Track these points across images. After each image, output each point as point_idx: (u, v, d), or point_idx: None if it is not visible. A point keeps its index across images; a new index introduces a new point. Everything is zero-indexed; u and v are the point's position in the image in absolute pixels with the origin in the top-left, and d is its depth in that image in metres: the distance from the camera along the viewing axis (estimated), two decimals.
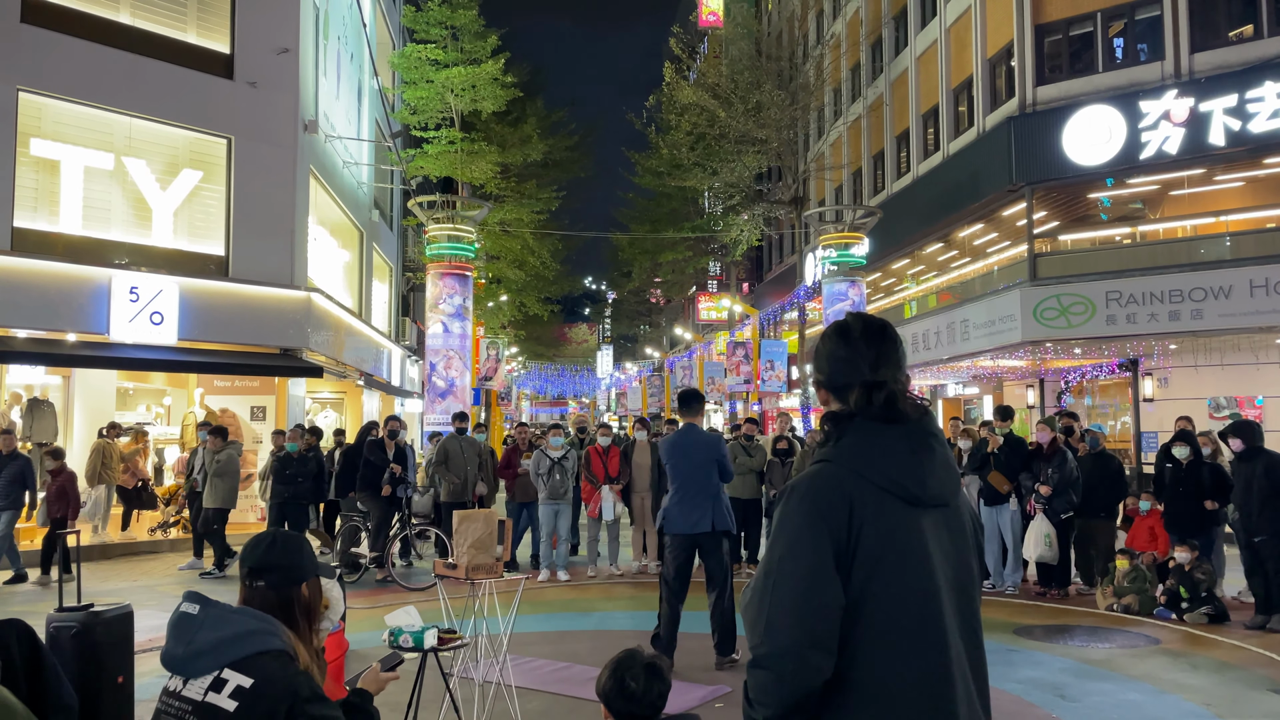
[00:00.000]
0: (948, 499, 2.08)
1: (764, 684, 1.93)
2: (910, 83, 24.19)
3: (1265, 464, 8.44)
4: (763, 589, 1.97)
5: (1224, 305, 15.22)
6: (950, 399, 27.44)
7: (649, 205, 38.16)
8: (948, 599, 2.01)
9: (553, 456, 11.11)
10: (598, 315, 72.59)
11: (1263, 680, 6.73)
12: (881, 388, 2.06)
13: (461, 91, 21.70)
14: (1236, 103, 15.62)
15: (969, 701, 2.00)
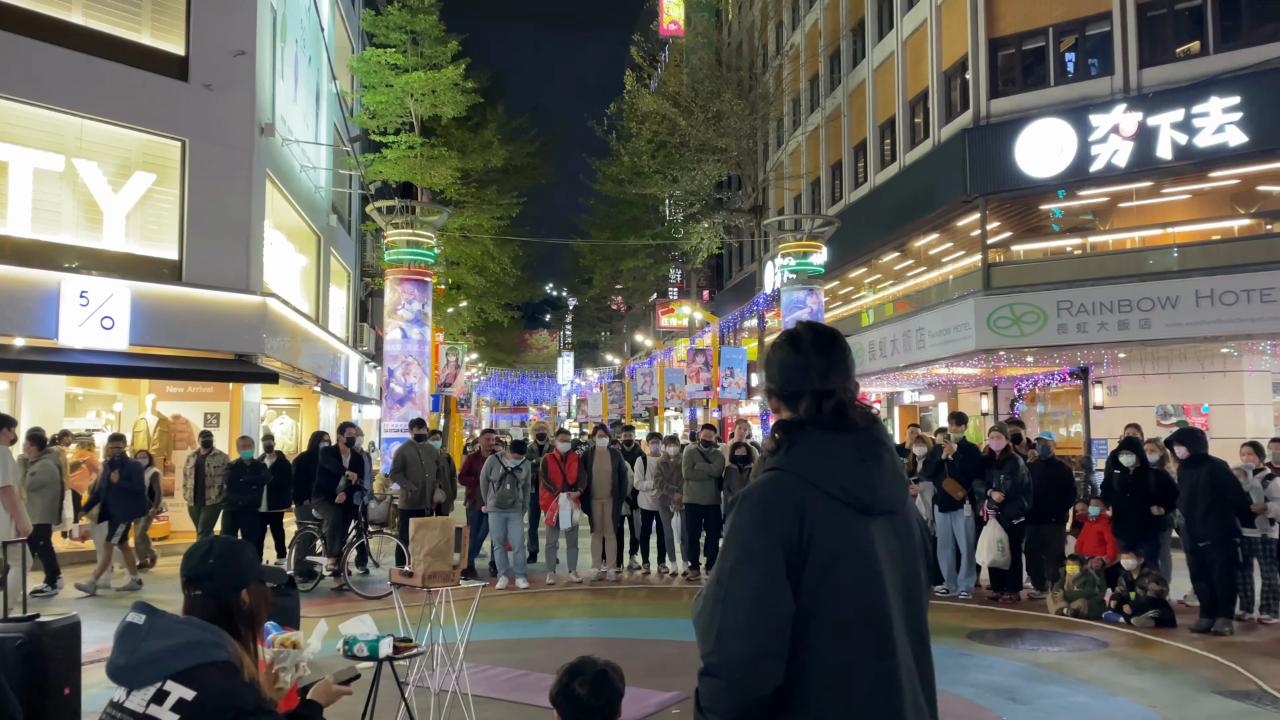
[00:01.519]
0: (896, 506, 2.12)
1: (715, 692, 1.96)
2: (868, 94, 24.49)
3: (1209, 471, 8.66)
4: (714, 597, 1.99)
5: (1171, 315, 15.56)
6: (906, 406, 27.76)
7: (610, 212, 38.19)
8: (896, 605, 2.05)
9: (506, 465, 11.07)
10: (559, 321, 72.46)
11: (1207, 682, 6.89)
12: (831, 396, 2.10)
13: (421, 96, 21.60)
14: (1183, 118, 16.01)
15: (916, 706, 2.04)
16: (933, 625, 7.01)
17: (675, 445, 12.24)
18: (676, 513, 11.79)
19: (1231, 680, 6.92)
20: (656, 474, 11.89)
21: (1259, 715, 6.10)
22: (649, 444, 12.97)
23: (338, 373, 21.13)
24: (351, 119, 23.31)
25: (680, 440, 13.39)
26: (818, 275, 20.59)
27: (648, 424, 38.77)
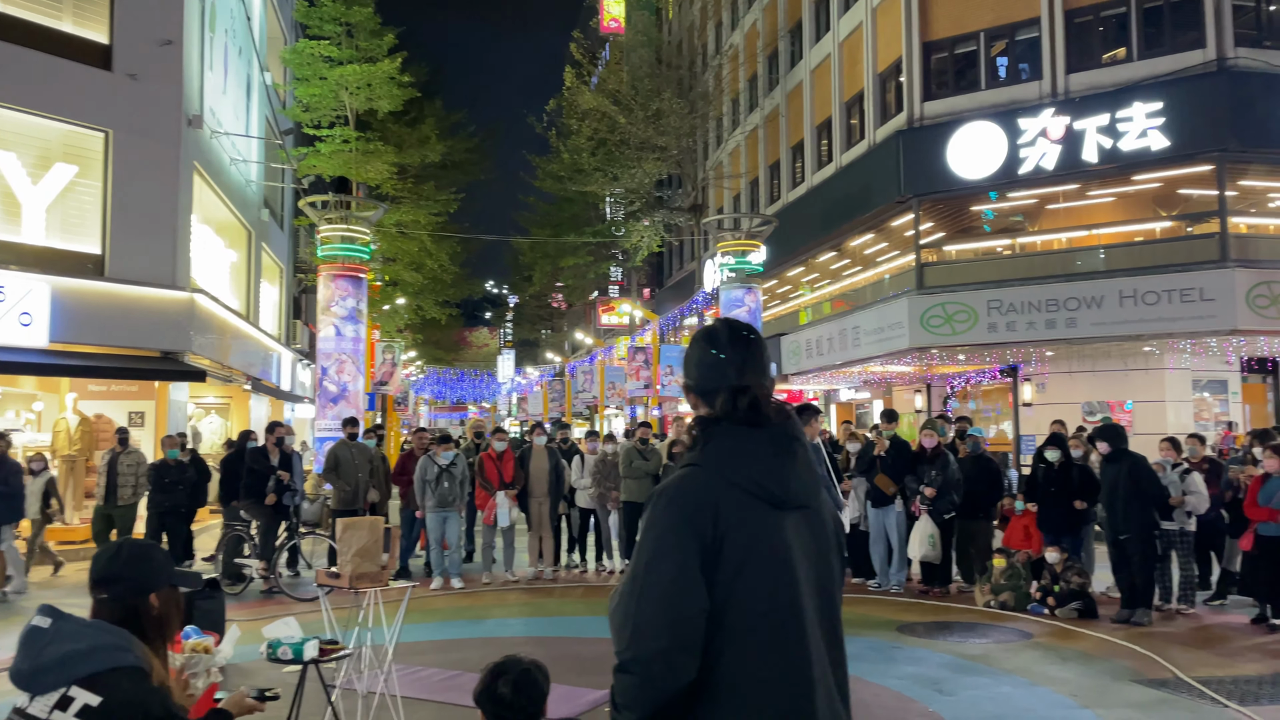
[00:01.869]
0: (809, 501, 2.13)
1: (629, 688, 1.96)
2: (805, 95, 24.74)
3: (1130, 465, 8.91)
4: (629, 593, 1.99)
5: (1096, 314, 16.00)
6: (843, 403, 28.14)
7: (550, 210, 38.04)
8: (809, 599, 2.07)
9: (441, 463, 10.96)
10: (499, 319, 71.87)
11: (1126, 671, 7.10)
12: (746, 392, 2.11)
13: (356, 90, 21.26)
14: (1108, 122, 16.45)
15: (829, 698, 2.06)
16: (865, 619, 7.19)
17: (613, 443, 12.24)
18: (614, 510, 11.79)
19: (1150, 669, 7.14)
20: (594, 472, 11.87)
21: (1175, 703, 6.29)
22: (586, 442, 12.93)
23: (269, 371, 20.70)
24: (284, 112, 22.84)
25: (618, 438, 13.39)
26: (756, 274, 20.74)
27: (588, 422, 38.74)
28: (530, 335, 60.89)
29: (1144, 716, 5.96)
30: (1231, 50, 16.00)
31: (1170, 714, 6.02)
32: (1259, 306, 15.06)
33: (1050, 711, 6.07)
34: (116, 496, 11.33)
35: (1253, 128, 15.72)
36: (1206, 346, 16.52)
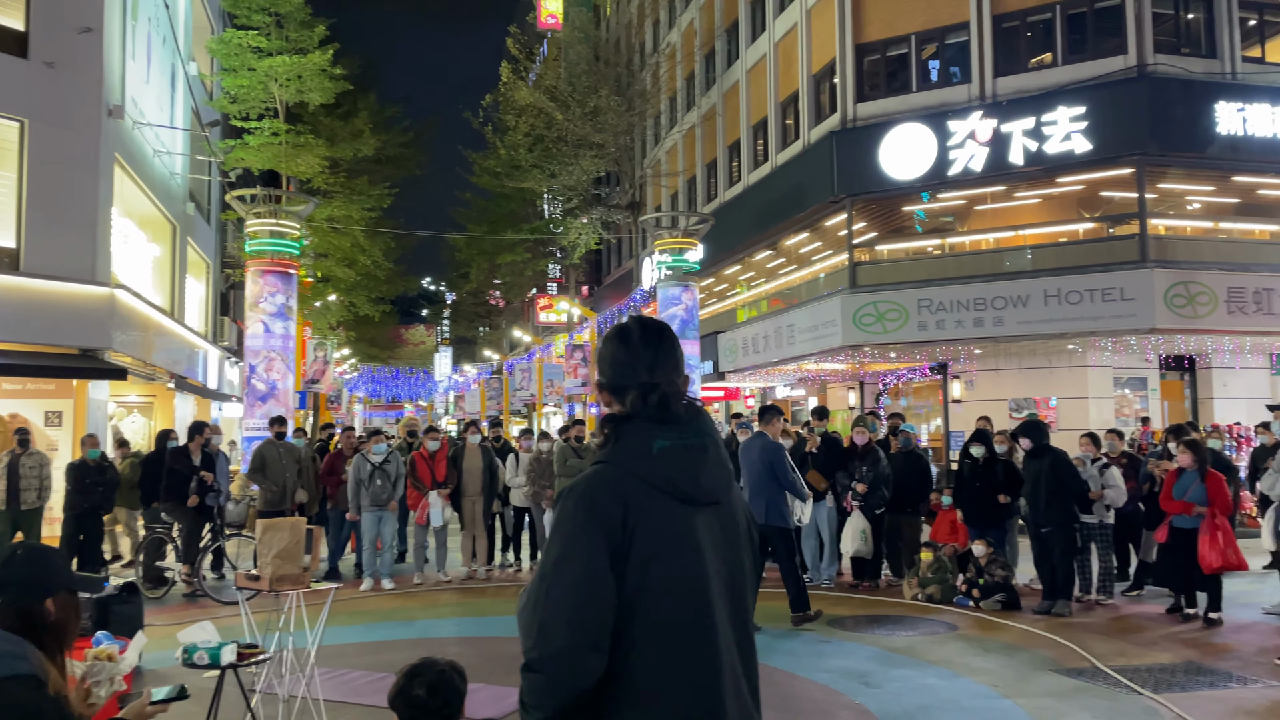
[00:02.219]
0: (720, 497, 2.14)
1: (537, 687, 1.95)
2: (741, 94, 24.91)
3: (1052, 461, 9.15)
4: (536, 592, 1.98)
5: (1022, 313, 16.38)
6: (779, 400, 28.40)
7: (487, 206, 37.73)
8: (719, 595, 2.07)
9: (374, 461, 10.80)
10: (435, 317, 71.02)
11: (1045, 660, 7.28)
12: (655, 389, 2.11)
13: (286, 82, 20.81)
14: (1034, 125, 16.85)
15: (738, 694, 2.06)
16: None
17: (548, 441, 12.18)
18: (549, 509, 11.73)
19: (1068, 659, 7.32)
20: (529, 470, 11.80)
21: (1092, 691, 6.46)
22: (521, 440, 12.85)
23: (195, 369, 20.19)
24: (210, 103, 22.27)
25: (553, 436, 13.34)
26: (693, 272, 20.80)
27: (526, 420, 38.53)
28: (467, 333, 60.31)
29: (1061, 705, 6.12)
30: (1151, 57, 16.51)
31: (1087, 702, 6.19)
32: (1176, 306, 15.57)
33: (972, 702, 6.19)
34: (19, 501, 10.66)
35: (1171, 132, 16.23)
36: (1127, 345, 17.03)
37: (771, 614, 9.10)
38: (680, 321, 19.69)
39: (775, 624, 8.61)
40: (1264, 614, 9.00)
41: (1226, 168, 16.82)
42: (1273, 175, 17.00)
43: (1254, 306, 15.87)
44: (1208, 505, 8.41)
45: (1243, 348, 17.49)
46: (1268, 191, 17.37)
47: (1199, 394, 18.69)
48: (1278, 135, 16.29)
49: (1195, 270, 15.88)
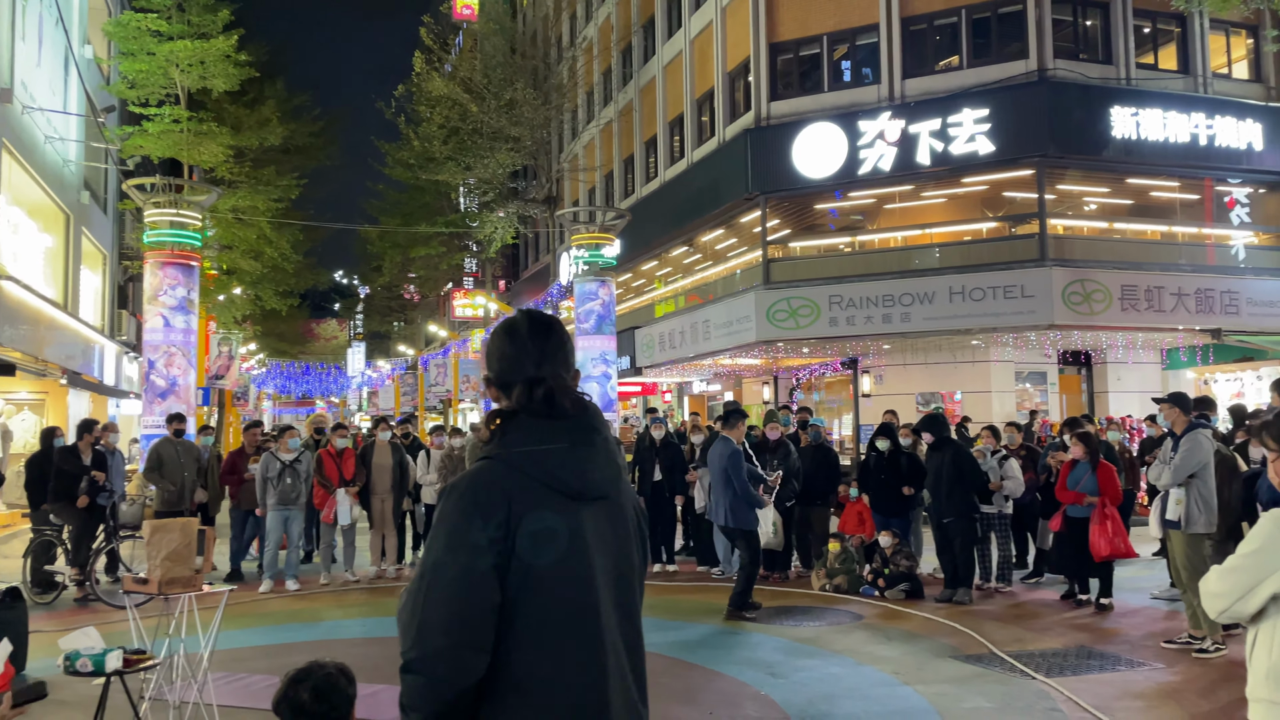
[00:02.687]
0: (609, 492, 2.13)
1: (415, 689, 1.91)
2: (658, 90, 24.98)
3: (953, 453, 9.41)
4: (417, 591, 1.94)
5: (928, 310, 16.81)
6: (695, 395, 28.63)
7: (401, 198, 37.07)
8: (605, 590, 2.06)
9: (284, 459, 10.52)
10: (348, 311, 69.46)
11: (945, 648, 7.47)
12: (541, 384, 2.08)
13: (188, 67, 20.08)
14: (940, 126, 17.29)
15: (624, 690, 2.05)
16: (706, 607, 7.29)
17: (460, 437, 12.01)
18: None
19: (968, 645, 7.54)
20: (440, 467, 11.64)
21: (988, 676, 6.66)
22: (433, 436, 12.66)
23: (91, 364, 19.37)
24: (107, 88, 21.37)
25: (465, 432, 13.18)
26: (610, 267, 20.78)
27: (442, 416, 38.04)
28: (381, 328, 59.18)
29: (959, 691, 6.29)
30: (1051, 62, 17.08)
31: (983, 688, 6.37)
32: (1073, 303, 16.16)
33: (873, 690, 6.33)
34: None
35: (1070, 135, 16.83)
36: (1027, 340, 17.62)
37: (684, 608, 9.16)
38: (597, 317, 19.64)
39: (688, 617, 8.66)
40: (1152, 599, 9.40)
41: (1121, 170, 17.52)
42: (1163, 178, 17.78)
43: (1145, 304, 16.57)
44: (1099, 495, 8.74)
45: (1135, 343, 18.26)
46: (1159, 194, 18.15)
47: (1095, 388, 19.45)
48: (1168, 139, 17.02)
49: (1091, 269, 16.50)
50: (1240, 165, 17.63)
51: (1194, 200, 18.11)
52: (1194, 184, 17.96)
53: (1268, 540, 2.86)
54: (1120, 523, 8.74)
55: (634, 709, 2.08)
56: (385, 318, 55.97)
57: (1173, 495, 7.50)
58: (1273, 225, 18.52)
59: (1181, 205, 18.18)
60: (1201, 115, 17.32)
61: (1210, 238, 18.08)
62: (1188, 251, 17.88)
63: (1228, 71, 18.58)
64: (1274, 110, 17.94)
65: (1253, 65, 18.75)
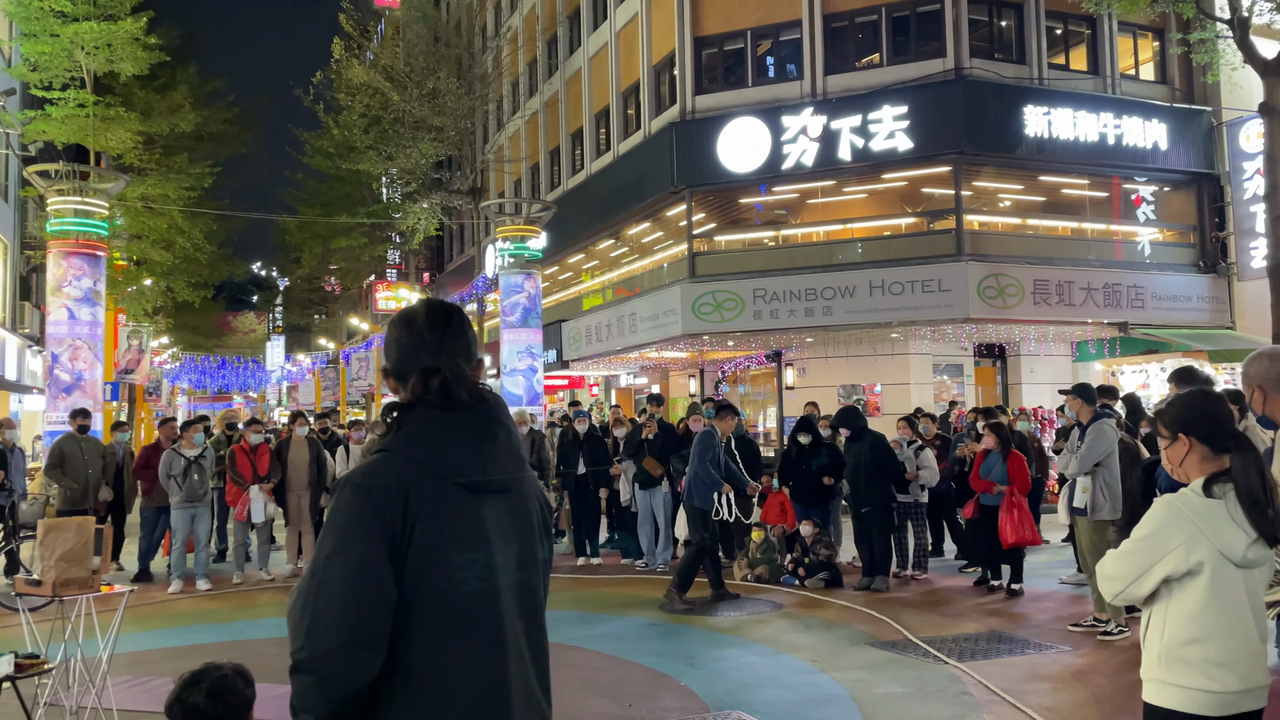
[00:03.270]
0: (511, 485, 2.09)
1: (307, 689, 1.85)
2: (584, 82, 24.86)
3: (870, 444, 9.57)
4: (308, 589, 1.88)
5: (850, 303, 17.07)
6: (623, 389, 28.64)
7: (321, 188, 36.29)
8: (507, 584, 2.03)
9: (188, 455, 10.20)
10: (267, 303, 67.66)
11: (862, 635, 7.60)
12: (437, 374, 2.03)
13: (94, 50, 19.30)
14: (860, 123, 17.54)
15: (525, 686, 2.02)
16: (629, 599, 7.27)
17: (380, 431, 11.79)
18: None
19: (883, 632, 7.68)
20: (360, 461, 11.41)
21: (902, 662, 6.79)
22: (352, 431, 12.43)
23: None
24: (8, 70, 20.44)
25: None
26: (536, 260, 20.64)
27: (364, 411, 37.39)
28: (301, 320, 57.83)
29: (874, 676, 6.40)
30: (967, 61, 17.45)
31: (897, 673, 6.49)
32: (988, 296, 16.58)
33: (791, 677, 6.40)
34: None
35: (985, 133, 17.22)
36: (944, 333, 18.01)
37: (607, 601, 9.16)
38: (523, 310, 19.51)
39: (611, 610, 8.66)
40: (1061, 584, 9.70)
41: (1033, 168, 18.01)
42: (1074, 175, 18.33)
43: (1056, 298, 17.08)
44: (1009, 484, 8.98)
45: (1047, 336, 18.81)
46: (1069, 191, 18.70)
47: (1009, 380, 19.99)
48: (1078, 138, 17.54)
49: (1005, 264, 16.94)
50: (1146, 164, 18.27)
51: (1102, 198, 18.71)
52: (1103, 182, 18.56)
53: (1160, 525, 2.95)
54: (1028, 511, 8.98)
55: (535, 703, 2.05)
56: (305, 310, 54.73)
57: (1079, 483, 7.75)
58: (1176, 222, 19.24)
59: (1091, 203, 18.77)
60: (1110, 115, 17.88)
61: (1118, 234, 18.71)
62: (1096, 247, 18.47)
63: (1135, 73, 19.22)
64: (1178, 111, 18.63)
65: (1158, 67, 19.43)
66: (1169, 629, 2.95)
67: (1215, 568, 2.86)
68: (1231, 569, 2.87)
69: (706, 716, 5.60)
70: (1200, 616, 2.88)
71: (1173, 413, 3.07)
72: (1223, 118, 18.55)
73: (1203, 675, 2.86)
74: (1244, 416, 8.12)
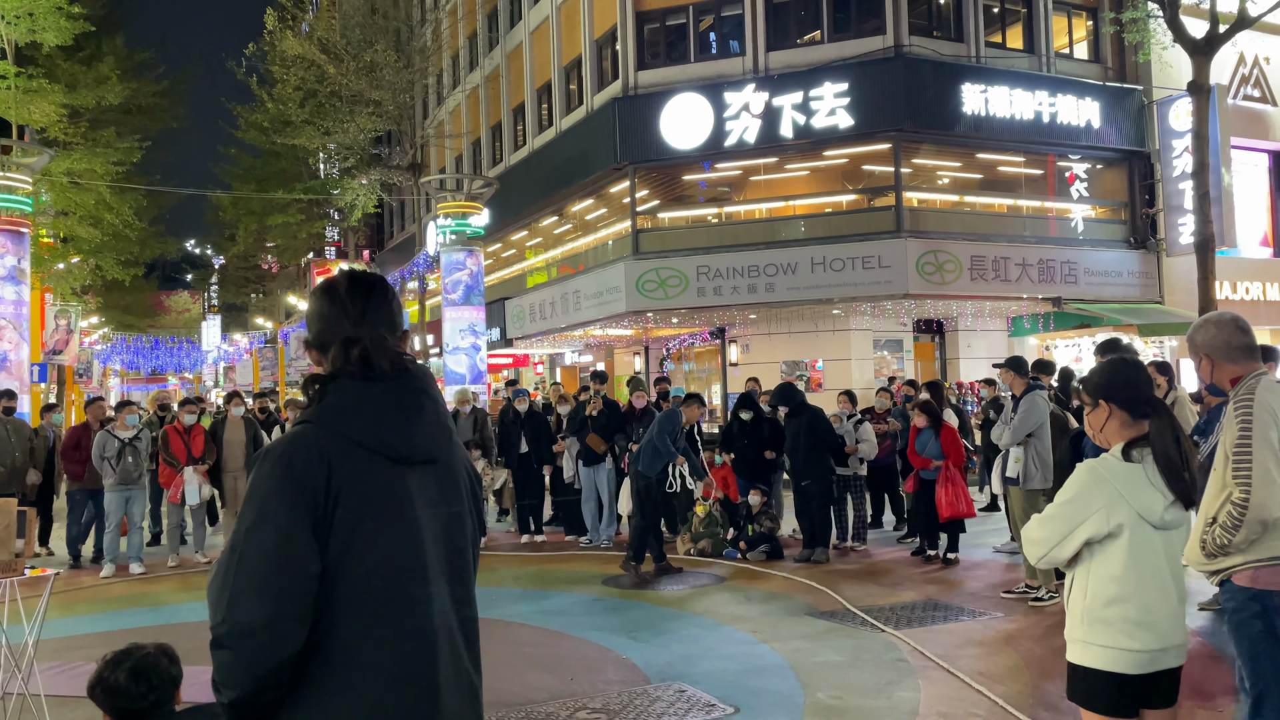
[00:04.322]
0: (438, 455, 2.07)
1: (227, 664, 1.82)
2: (525, 56, 24.58)
3: (809, 419, 9.68)
4: (228, 563, 1.85)
5: (792, 280, 17.20)
6: (568, 366, 28.58)
7: (255, 163, 35.41)
8: (435, 556, 2.01)
9: (122, 437, 9.95)
10: (202, 282, 65.95)
11: (802, 606, 7.71)
12: (357, 344, 2.00)
13: (15, 19, 18.56)
14: (802, 100, 17.61)
15: (454, 658, 2.01)
16: (573, 575, 7.28)
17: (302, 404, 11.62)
18: None
19: (823, 602, 7.79)
20: None
21: (841, 631, 6.90)
22: (290, 411, 12.22)
23: None
24: None
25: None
26: (478, 237, 20.44)
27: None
28: (238, 300, 56.58)
29: (813, 646, 6.50)
30: (907, 38, 17.60)
31: (836, 642, 6.60)
32: (926, 273, 16.83)
33: (732, 648, 6.47)
34: None
35: (924, 111, 17.41)
36: (884, 309, 18.26)
37: (551, 577, 9.17)
38: (465, 288, 19.33)
39: (555, 586, 8.67)
40: (995, 552, 9.93)
41: (971, 145, 18.27)
42: (1010, 153, 18.65)
43: (993, 274, 17.41)
44: (943, 459, 9.16)
45: (983, 311, 19.18)
46: (1005, 168, 19.04)
47: (947, 355, 20.35)
48: (1014, 116, 17.83)
49: (943, 240, 17.21)
50: (1079, 142, 18.64)
51: (1037, 175, 19.07)
52: (1038, 159, 18.91)
53: (1081, 490, 3.03)
54: (962, 484, 9.17)
55: (464, 676, 2.04)
56: (241, 289, 53.54)
57: (1012, 454, 7.92)
58: (1108, 199, 19.70)
59: (1026, 180, 19.12)
60: (1045, 93, 18.19)
61: (1052, 211, 19.09)
62: (1031, 224, 18.84)
63: (1070, 52, 19.58)
64: (1111, 90, 19.02)
65: (1092, 46, 19.80)
66: (1091, 590, 3.03)
67: (1134, 530, 2.95)
68: (1150, 531, 2.96)
69: (647, 688, 5.64)
70: (1120, 578, 2.96)
71: (1094, 380, 3.14)
72: (1153, 96, 18.99)
73: (1123, 634, 2.95)
74: (1172, 389, 8.38)
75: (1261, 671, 3.40)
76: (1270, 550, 3.35)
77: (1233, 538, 3.30)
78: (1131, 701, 2.98)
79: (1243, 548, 3.33)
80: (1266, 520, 3.26)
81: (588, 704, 5.36)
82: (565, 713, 5.23)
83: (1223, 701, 5.02)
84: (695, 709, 5.25)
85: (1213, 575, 3.54)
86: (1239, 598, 3.42)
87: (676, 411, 9.72)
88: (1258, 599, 3.37)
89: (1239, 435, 3.34)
